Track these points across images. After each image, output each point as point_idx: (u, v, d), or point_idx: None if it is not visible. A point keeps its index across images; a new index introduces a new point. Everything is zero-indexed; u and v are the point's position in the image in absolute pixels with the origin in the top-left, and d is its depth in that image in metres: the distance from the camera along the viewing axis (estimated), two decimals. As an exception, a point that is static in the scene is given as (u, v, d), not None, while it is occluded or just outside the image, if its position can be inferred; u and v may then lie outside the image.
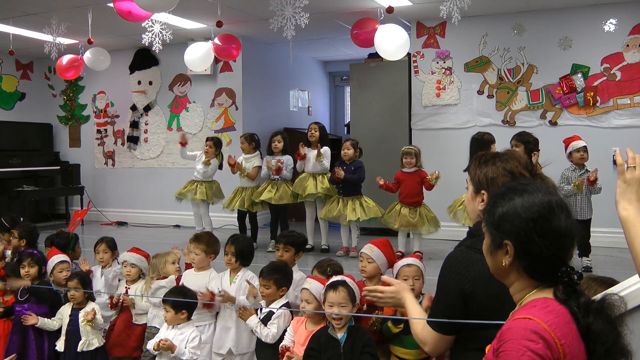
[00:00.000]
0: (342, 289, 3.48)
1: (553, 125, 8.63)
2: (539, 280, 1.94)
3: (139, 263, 4.84)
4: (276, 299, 4.05)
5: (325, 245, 8.27)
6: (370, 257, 4.00)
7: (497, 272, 2.04)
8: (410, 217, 7.55)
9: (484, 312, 2.39)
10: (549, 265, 1.91)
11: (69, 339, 4.50)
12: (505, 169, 2.55)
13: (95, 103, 12.02)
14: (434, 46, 9.32)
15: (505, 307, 2.07)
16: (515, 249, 1.92)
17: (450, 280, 2.52)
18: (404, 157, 7.67)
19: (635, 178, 2.02)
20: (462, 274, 2.47)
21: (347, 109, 14.16)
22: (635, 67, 8.28)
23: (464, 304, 2.46)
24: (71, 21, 8.55)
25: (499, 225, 1.96)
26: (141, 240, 8.51)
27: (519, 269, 1.95)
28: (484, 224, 2.06)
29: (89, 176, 11.96)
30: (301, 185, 8.15)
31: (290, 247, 4.65)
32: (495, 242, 1.97)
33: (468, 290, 2.43)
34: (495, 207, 1.99)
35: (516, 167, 2.56)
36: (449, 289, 2.51)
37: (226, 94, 10.72)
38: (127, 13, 6.96)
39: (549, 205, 1.92)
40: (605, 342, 1.84)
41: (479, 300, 2.42)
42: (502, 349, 1.78)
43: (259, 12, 8.65)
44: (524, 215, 1.91)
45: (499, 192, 2.06)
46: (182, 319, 4.05)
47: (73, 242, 5.47)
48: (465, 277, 2.45)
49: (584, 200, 6.89)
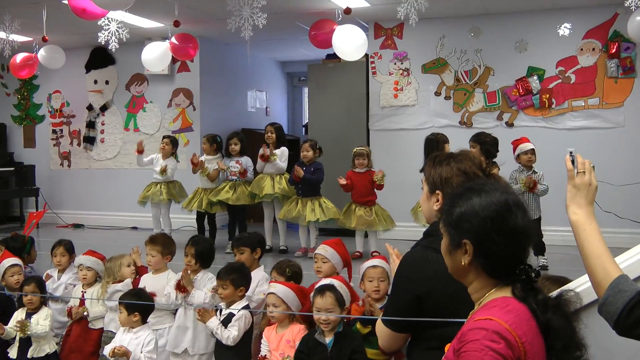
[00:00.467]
0: (330, 294, 3.49)
1: (509, 127, 8.73)
2: (497, 278, 1.96)
3: (94, 266, 4.77)
4: (235, 299, 4.02)
5: (283, 246, 8.25)
6: (325, 256, 4.02)
7: (456, 272, 2.05)
8: (367, 216, 7.59)
9: (441, 311, 2.40)
10: (508, 264, 1.93)
11: (22, 346, 4.40)
12: (459, 169, 2.57)
13: (50, 102, 11.82)
14: (392, 47, 9.37)
15: (463, 306, 2.09)
16: (474, 248, 1.93)
17: (405, 282, 2.54)
18: (356, 158, 7.72)
19: (584, 183, 2.07)
20: (417, 275, 2.49)
21: (305, 110, 14.16)
22: (589, 70, 8.44)
23: (417, 306, 2.47)
24: (25, 18, 8.38)
25: (458, 224, 1.97)
26: (98, 243, 8.38)
27: (477, 268, 1.96)
28: (441, 224, 2.07)
29: (44, 177, 11.74)
30: (258, 185, 8.11)
31: (244, 248, 4.65)
32: (454, 241, 1.98)
33: (423, 291, 2.45)
34: (453, 207, 2.00)
35: (470, 167, 2.58)
36: (404, 289, 2.54)
37: (184, 94, 10.64)
38: (81, 10, 6.86)
39: (507, 204, 1.94)
40: (563, 337, 1.88)
41: (436, 299, 2.43)
42: (464, 349, 1.79)
43: (216, 12, 8.59)
44: (482, 214, 1.93)
45: (457, 192, 2.08)
46: (135, 321, 3.98)
47: (29, 245, 5.38)
48: (420, 279, 2.47)
49: (531, 200, 6.98)
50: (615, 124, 8.36)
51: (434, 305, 2.44)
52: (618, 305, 1.85)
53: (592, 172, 2.09)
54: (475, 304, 2.01)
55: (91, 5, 6.58)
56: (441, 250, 2.08)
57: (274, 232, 8.44)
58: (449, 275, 2.07)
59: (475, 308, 1.98)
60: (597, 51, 8.43)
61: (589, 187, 2.06)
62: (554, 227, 7.52)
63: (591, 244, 1.99)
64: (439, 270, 2.28)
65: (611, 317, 1.88)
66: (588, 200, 2.06)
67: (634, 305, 1.82)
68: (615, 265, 1.95)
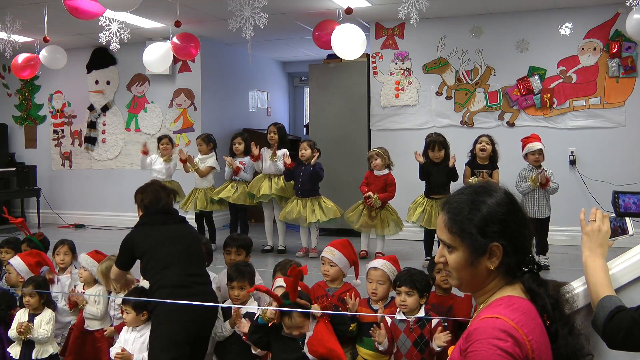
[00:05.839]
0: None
1: (511, 126, 8.73)
2: (512, 276, 1.98)
3: (89, 267, 4.71)
4: (247, 300, 4.03)
5: (282, 246, 8.25)
6: (332, 260, 4.00)
7: (473, 282, 2.01)
8: (370, 219, 7.56)
9: None
10: (525, 255, 2.00)
11: (25, 346, 4.37)
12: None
13: (51, 103, 11.82)
14: (393, 47, 9.37)
15: None
16: (503, 249, 1.92)
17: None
18: (369, 161, 7.65)
19: (594, 230, 2.36)
20: None
21: (306, 110, 14.15)
22: (590, 70, 8.44)
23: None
24: (26, 18, 8.40)
25: (484, 230, 1.93)
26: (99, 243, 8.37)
27: (499, 269, 1.95)
28: (454, 238, 1.99)
29: (46, 178, 11.75)
30: (256, 185, 8.12)
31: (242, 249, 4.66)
32: (479, 249, 1.94)
33: None
34: (472, 214, 1.96)
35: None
36: None
37: (185, 94, 10.65)
38: (73, 9, 6.86)
39: (509, 196, 2.02)
40: (567, 321, 1.98)
41: None
42: (471, 348, 1.79)
43: (217, 12, 8.60)
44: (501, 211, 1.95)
45: (461, 200, 2.02)
46: (143, 320, 3.96)
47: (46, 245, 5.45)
48: None
49: (542, 199, 6.98)
50: (617, 123, 8.35)
51: None
52: (601, 320, 2.12)
53: (604, 219, 2.38)
54: (479, 305, 2.01)
55: (85, 4, 6.58)
56: (452, 267, 2.02)
57: (273, 232, 8.44)
58: None
59: (480, 308, 1.98)
60: (598, 51, 8.42)
61: (599, 233, 2.35)
62: (556, 227, 7.52)
63: (592, 276, 2.28)
64: None
65: (598, 330, 2.14)
66: (597, 244, 2.34)
67: (612, 316, 2.09)
68: (608, 289, 2.21)
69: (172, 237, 3.93)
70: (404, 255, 7.49)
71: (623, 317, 2.06)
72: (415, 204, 7.41)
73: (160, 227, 3.98)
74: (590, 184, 8.28)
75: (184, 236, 4.01)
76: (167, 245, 3.87)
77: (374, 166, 7.58)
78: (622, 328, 2.04)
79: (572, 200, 8.09)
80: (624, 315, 2.06)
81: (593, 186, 8.24)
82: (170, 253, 3.84)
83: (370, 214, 7.56)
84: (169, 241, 3.90)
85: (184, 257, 3.87)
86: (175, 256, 3.84)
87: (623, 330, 2.04)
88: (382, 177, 7.57)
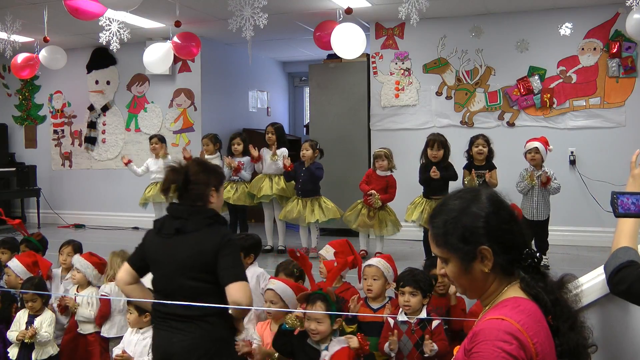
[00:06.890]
0: (320, 304, 3.32)
1: (510, 126, 8.73)
2: (512, 274, 1.97)
3: (82, 269, 4.67)
4: None
5: (282, 246, 8.24)
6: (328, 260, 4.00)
7: (475, 287, 2.01)
8: (368, 219, 7.56)
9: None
10: (521, 250, 1.97)
11: (23, 347, 4.36)
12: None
13: (51, 103, 11.81)
14: (393, 47, 9.37)
15: None
16: (492, 250, 1.91)
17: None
18: (376, 160, 7.63)
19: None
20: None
21: (306, 110, 14.14)
22: (590, 70, 8.44)
23: None
24: (26, 18, 8.39)
25: (466, 237, 1.93)
26: (99, 243, 8.39)
27: (495, 270, 1.94)
28: (441, 249, 2.00)
29: (46, 178, 11.74)
30: (257, 185, 8.13)
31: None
32: (468, 256, 1.94)
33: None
34: (453, 224, 1.96)
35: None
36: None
37: (185, 94, 10.64)
38: (74, 10, 6.86)
39: (491, 194, 2.01)
40: (568, 318, 1.95)
41: None
42: (476, 349, 1.79)
43: (217, 12, 8.60)
44: (483, 213, 1.93)
45: (440, 210, 2.03)
46: (146, 322, 3.92)
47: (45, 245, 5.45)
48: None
49: (541, 201, 6.98)
50: (617, 123, 8.35)
51: None
52: (611, 268, 2.27)
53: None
54: (485, 307, 2.00)
55: (85, 5, 6.58)
56: (450, 277, 2.03)
57: (274, 232, 8.44)
58: None
59: (486, 309, 1.97)
60: (598, 51, 8.42)
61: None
62: (556, 227, 7.52)
63: (621, 223, 2.40)
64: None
65: (607, 276, 2.29)
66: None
67: (621, 269, 2.23)
68: (631, 241, 2.34)
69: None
70: (403, 255, 7.49)
71: (631, 272, 2.21)
72: (414, 204, 7.40)
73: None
74: (590, 184, 8.27)
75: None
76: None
77: (379, 166, 7.58)
78: (627, 281, 2.21)
79: (571, 200, 8.10)
80: (632, 271, 2.21)
81: (593, 186, 8.23)
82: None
83: (368, 214, 7.56)
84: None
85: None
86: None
87: (627, 283, 2.21)
88: (384, 178, 7.57)
